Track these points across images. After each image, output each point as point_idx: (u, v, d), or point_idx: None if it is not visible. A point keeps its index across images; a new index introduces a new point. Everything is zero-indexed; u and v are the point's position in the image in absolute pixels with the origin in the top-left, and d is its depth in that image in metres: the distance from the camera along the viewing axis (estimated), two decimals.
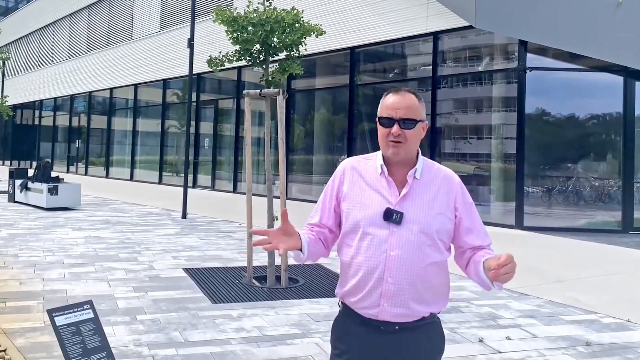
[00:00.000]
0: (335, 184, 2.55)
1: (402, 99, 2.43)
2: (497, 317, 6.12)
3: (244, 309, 6.18)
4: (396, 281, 2.36)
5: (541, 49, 12.80)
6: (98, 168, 28.95)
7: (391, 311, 2.38)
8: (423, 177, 2.46)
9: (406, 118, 2.40)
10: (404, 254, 2.36)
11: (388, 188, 2.43)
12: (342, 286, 2.51)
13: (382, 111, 2.46)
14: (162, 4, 24.28)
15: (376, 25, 15.13)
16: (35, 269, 7.78)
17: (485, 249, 2.50)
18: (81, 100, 31.09)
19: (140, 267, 8.12)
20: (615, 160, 12.93)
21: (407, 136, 2.40)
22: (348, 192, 2.49)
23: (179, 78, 22.76)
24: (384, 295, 2.37)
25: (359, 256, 2.41)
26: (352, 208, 2.46)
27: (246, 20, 7.53)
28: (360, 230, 2.41)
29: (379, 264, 2.37)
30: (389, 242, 2.37)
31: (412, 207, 2.40)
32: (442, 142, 14.44)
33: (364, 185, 2.47)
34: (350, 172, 2.52)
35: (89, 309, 3.48)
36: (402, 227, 2.37)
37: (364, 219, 2.41)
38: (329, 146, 17.92)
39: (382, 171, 2.45)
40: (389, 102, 2.44)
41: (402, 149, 2.41)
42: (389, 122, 2.41)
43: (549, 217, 12.93)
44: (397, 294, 2.36)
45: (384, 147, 2.44)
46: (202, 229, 11.96)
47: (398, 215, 2.37)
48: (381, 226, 2.38)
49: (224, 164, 21.25)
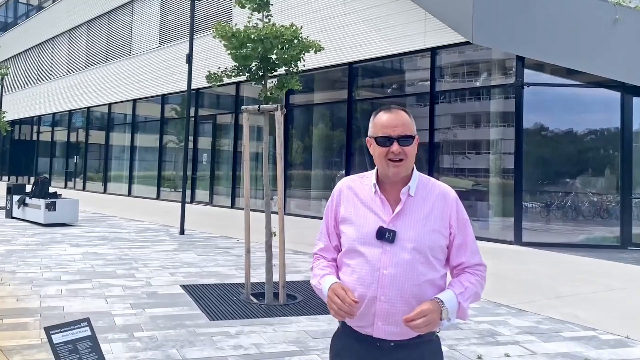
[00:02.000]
0: (333, 205, 2.56)
1: (397, 117, 2.44)
2: (496, 333, 6.10)
3: (241, 326, 6.15)
4: (390, 300, 2.35)
5: (538, 65, 12.85)
6: (96, 183, 28.93)
7: (386, 329, 2.38)
8: (418, 194, 2.45)
9: (404, 135, 2.40)
10: (397, 273, 2.35)
11: (382, 206, 2.43)
12: None
13: (377, 130, 2.45)
14: (161, 19, 24.39)
15: (374, 41, 15.19)
16: (33, 286, 7.74)
17: (469, 269, 2.50)
18: (79, 115, 31.13)
19: (137, 283, 8.08)
20: (613, 176, 12.93)
21: (407, 153, 2.40)
22: (344, 212, 2.50)
23: (177, 93, 22.81)
24: (378, 314, 2.37)
25: (353, 275, 2.42)
26: (347, 227, 2.47)
27: (245, 36, 7.55)
28: (355, 249, 2.42)
29: (373, 282, 2.37)
30: (382, 260, 2.37)
31: (406, 225, 2.40)
32: (440, 157, 14.45)
33: (359, 204, 2.47)
34: (347, 191, 2.53)
35: (87, 326, 3.45)
36: (395, 245, 2.37)
37: (358, 238, 2.41)
38: (327, 161, 17.93)
39: (375, 190, 2.46)
40: (384, 120, 2.44)
41: (403, 167, 2.41)
42: (387, 141, 2.40)
43: (547, 232, 12.92)
44: (391, 312, 2.36)
45: (384, 166, 2.44)
46: (200, 245, 11.93)
47: (391, 234, 2.37)
48: (374, 245, 2.38)
49: (222, 179, 21.25)
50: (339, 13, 16.18)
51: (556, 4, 12.49)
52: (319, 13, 16.57)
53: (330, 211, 2.57)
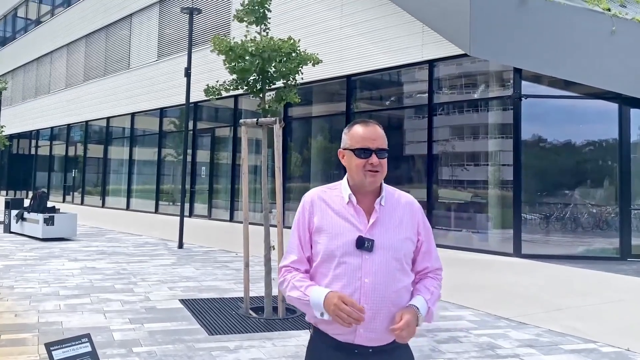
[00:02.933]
0: (306, 216, 2.60)
1: (374, 130, 2.55)
2: (496, 346, 6.07)
3: (240, 340, 6.12)
4: (371, 307, 2.42)
5: (536, 77, 12.89)
6: (94, 197, 28.89)
7: (367, 336, 2.45)
8: (387, 204, 2.57)
9: (381, 148, 2.53)
10: (377, 280, 2.44)
11: (357, 216, 2.52)
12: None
13: (355, 143, 2.54)
14: (159, 33, 24.46)
15: (373, 54, 15.24)
16: (31, 301, 7.71)
17: (430, 276, 2.63)
18: (78, 129, 31.13)
19: (136, 298, 8.05)
20: (612, 187, 12.93)
21: (383, 165, 2.53)
22: (319, 222, 2.55)
23: (176, 107, 22.83)
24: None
25: (334, 284, 2.46)
26: (323, 237, 2.52)
27: (243, 50, 7.57)
28: (335, 259, 2.48)
29: (355, 291, 2.43)
30: (363, 269, 2.44)
31: (382, 234, 2.50)
32: (439, 169, 14.45)
33: (333, 215, 2.54)
34: (319, 202, 2.60)
35: (87, 342, 3.44)
36: (374, 254, 2.46)
37: (338, 248, 2.47)
38: (326, 174, 17.91)
39: (349, 200, 2.54)
40: (362, 133, 2.54)
41: (379, 178, 2.54)
42: (366, 153, 2.50)
43: (546, 244, 12.90)
44: (373, 319, 2.43)
45: (361, 177, 2.52)
46: (199, 259, 11.90)
47: (370, 243, 2.46)
48: (354, 254, 2.46)
49: (221, 192, 21.23)
50: (336, 26, 16.23)
51: (553, 16, 12.53)
52: (317, 26, 16.63)
53: (302, 222, 2.61)
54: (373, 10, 15.22)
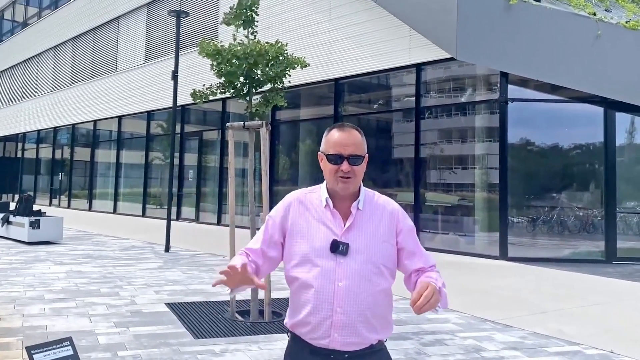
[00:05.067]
0: (279, 217, 2.60)
1: (349, 136, 2.51)
2: (481, 349, 6.09)
3: (226, 344, 6.11)
4: (346, 311, 2.42)
5: (522, 81, 12.96)
6: (81, 201, 28.73)
7: (341, 340, 2.43)
8: (365, 208, 2.55)
9: (355, 155, 2.49)
10: (351, 284, 2.42)
11: (333, 220, 2.51)
12: (291, 317, 2.57)
13: (329, 148, 2.52)
14: (146, 36, 24.38)
15: (360, 57, 15.26)
16: (16, 305, 7.66)
17: (428, 270, 2.59)
18: (65, 132, 30.96)
19: (121, 302, 8.02)
20: (598, 190, 13.01)
21: (356, 172, 2.49)
22: (294, 225, 2.56)
23: (163, 110, 22.76)
24: (335, 325, 2.43)
25: (307, 288, 2.46)
26: (298, 241, 2.52)
27: (230, 53, 7.57)
28: (309, 262, 2.47)
29: (328, 295, 2.43)
30: (337, 273, 2.43)
31: (358, 238, 2.48)
32: (426, 173, 14.49)
33: (310, 218, 2.54)
34: (297, 205, 2.60)
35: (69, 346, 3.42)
36: (349, 257, 2.45)
37: (312, 251, 2.47)
38: (314, 177, 17.90)
39: (327, 204, 2.53)
40: (336, 138, 2.51)
41: (352, 184, 2.50)
42: (338, 159, 2.48)
43: (533, 247, 12.96)
44: (347, 323, 2.42)
45: (333, 182, 2.51)
46: (185, 262, 11.87)
47: (344, 247, 2.45)
48: (328, 258, 2.45)
49: (209, 196, 21.18)
50: (324, 29, 16.25)
51: (539, 21, 12.61)
52: (305, 29, 16.64)
53: (276, 222, 2.60)
54: (361, 14, 15.25)
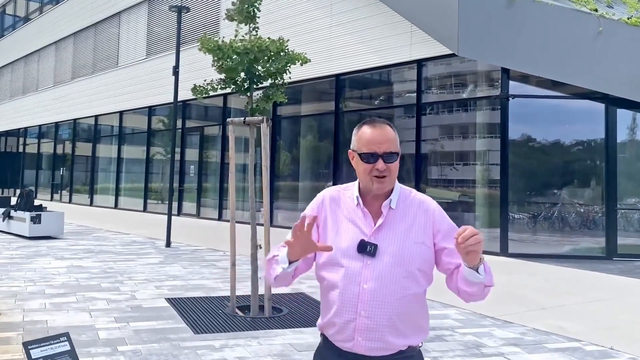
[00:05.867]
0: (314, 214, 2.45)
1: (382, 132, 2.38)
2: (481, 345, 6.09)
3: (226, 339, 6.12)
4: (370, 315, 2.30)
5: (523, 77, 12.94)
6: (82, 196, 28.76)
7: (366, 345, 2.32)
8: (399, 207, 2.42)
9: (389, 152, 2.37)
10: (378, 287, 2.30)
11: (364, 219, 2.39)
12: (321, 317, 2.48)
13: (361, 146, 2.39)
14: (147, 31, 24.37)
15: (361, 53, 15.25)
16: (16, 300, 7.67)
17: None
18: (66, 127, 30.98)
19: (122, 297, 8.03)
20: (599, 187, 13.00)
21: (391, 169, 2.38)
22: (325, 223, 2.45)
23: (164, 105, 22.76)
24: (358, 329, 2.31)
25: (333, 289, 2.37)
26: (327, 239, 2.41)
27: (231, 49, 7.56)
28: (335, 262, 2.36)
29: (353, 297, 2.32)
30: (363, 274, 2.32)
31: (387, 238, 2.36)
32: (427, 169, 14.49)
33: (341, 217, 2.43)
34: (329, 202, 2.48)
35: (66, 341, 3.42)
36: (377, 259, 2.32)
37: (339, 251, 2.35)
38: (314, 173, 17.92)
39: (357, 202, 2.42)
40: (369, 136, 2.38)
41: (387, 183, 2.39)
42: (372, 158, 2.36)
43: (533, 243, 12.96)
44: (372, 328, 2.30)
45: (367, 182, 2.39)
46: (186, 257, 11.88)
47: (372, 247, 2.33)
48: (355, 258, 2.34)
49: (210, 191, 21.19)
50: (325, 25, 16.23)
51: (541, 17, 12.58)
52: (306, 25, 16.62)
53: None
54: (362, 9, 15.23)
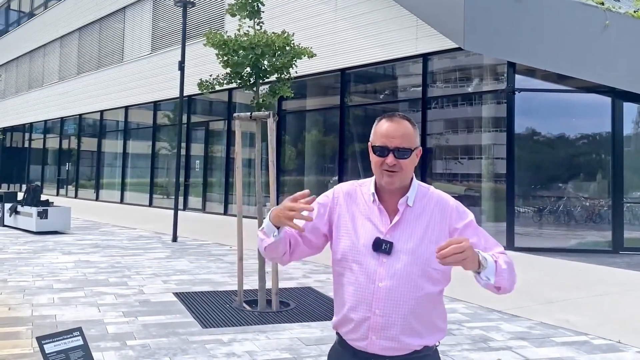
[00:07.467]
0: (327, 209, 2.43)
1: (397, 127, 2.31)
2: (488, 339, 6.11)
3: (234, 333, 6.14)
4: (385, 313, 2.27)
5: (529, 71, 12.91)
6: (88, 191, 28.83)
7: (380, 344, 2.29)
8: (416, 204, 2.36)
9: (401, 147, 2.29)
10: (393, 286, 2.26)
11: (380, 216, 2.34)
12: (335, 315, 2.45)
13: (375, 139, 2.34)
14: (153, 26, 24.38)
15: (366, 47, 15.23)
16: (25, 294, 7.71)
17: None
18: (71, 122, 31.04)
19: (130, 291, 8.06)
20: (605, 180, 12.98)
21: (402, 165, 2.30)
22: (339, 219, 2.40)
23: (169, 100, 22.78)
24: (372, 327, 2.28)
25: (347, 287, 2.33)
26: (343, 236, 2.37)
27: (236, 44, 7.57)
28: (350, 259, 2.32)
29: (367, 295, 2.28)
30: (378, 272, 2.27)
31: (403, 237, 2.31)
32: (433, 163, 14.48)
33: (356, 213, 2.38)
34: (344, 198, 2.43)
35: (79, 336, 3.44)
36: (392, 257, 2.28)
37: (353, 249, 2.32)
38: (320, 167, 17.93)
39: (374, 199, 2.37)
40: (383, 129, 2.32)
41: (397, 178, 2.31)
42: (383, 152, 2.30)
43: (540, 237, 12.95)
44: (386, 327, 2.27)
45: (378, 175, 2.34)
46: (193, 252, 11.91)
47: (387, 245, 2.28)
48: (370, 256, 2.29)
49: (215, 185, 21.22)
50: (330, 19, 16.21)
51: (547, 11, 12.55)
52: (311, 20, 16.60)
53: (319, 211, 2.42)
54: (366, 3, 15.20)
